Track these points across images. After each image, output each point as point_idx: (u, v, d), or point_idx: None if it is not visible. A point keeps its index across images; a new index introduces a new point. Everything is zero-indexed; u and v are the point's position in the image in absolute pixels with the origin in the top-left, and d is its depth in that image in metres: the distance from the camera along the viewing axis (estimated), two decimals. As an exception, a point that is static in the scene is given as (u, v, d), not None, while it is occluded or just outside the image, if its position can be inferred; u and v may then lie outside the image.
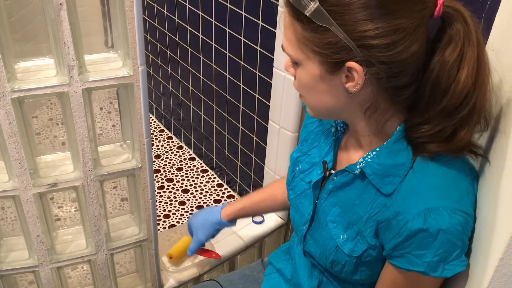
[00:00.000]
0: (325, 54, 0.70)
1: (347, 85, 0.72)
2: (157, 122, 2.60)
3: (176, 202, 2.12)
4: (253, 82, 1.76)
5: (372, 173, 0.79)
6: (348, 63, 0.69)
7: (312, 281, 0.98)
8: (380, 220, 0.78)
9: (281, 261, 1.12)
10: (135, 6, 0.88)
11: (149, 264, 1.25)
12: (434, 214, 0.70)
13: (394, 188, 0.76)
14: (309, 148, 0.94)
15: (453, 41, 0.70)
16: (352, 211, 0.82)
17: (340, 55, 0.69)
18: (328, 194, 0.87)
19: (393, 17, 0.66)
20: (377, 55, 0.68)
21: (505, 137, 0.72)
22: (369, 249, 0.81)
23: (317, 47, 0.70)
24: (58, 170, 1.03)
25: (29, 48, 0.98)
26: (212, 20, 1.85)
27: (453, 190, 0.73)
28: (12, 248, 1.11)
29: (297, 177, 0.96)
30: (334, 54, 0.70)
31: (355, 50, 0.68)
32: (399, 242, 0.74)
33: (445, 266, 0.72)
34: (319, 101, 0.78)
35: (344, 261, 0.84)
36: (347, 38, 0.67)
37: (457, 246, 0.72)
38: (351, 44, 0.68)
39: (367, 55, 0.68)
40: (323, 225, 0.88)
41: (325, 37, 0.69)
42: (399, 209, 0.74)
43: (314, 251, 0.91)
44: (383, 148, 0.78)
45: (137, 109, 0.99)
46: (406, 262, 0.75)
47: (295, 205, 0.96)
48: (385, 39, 0.67)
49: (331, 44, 0.69)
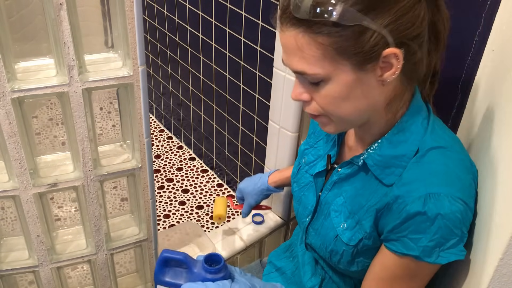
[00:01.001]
0: (359, 53, 0.68)
1: (385, 76, 0.71)
2: (157, 122, 2.60)
3: (176, 202, 2.12)
4: (253, 82, 1.76)
5: (373, 164, 0.80)
6: (384, 52, 0.69)
7: (316, 278, 0.99)
8: (379, 208, 0.79)
9: (282, 259, 1.13)
10: (135, 6, 0.88)
11: (149, 264, 1.25)
12: (435, 199, 0.71)
13: (395, 179, 0.77)
14: (316, 141, 0.96)
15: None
16: (355, 201, 0.84)
17: (375, 48, 0.68)
18: (332, 185, 0.89)
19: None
20: (407, 32, 0.69)
21: (505, 136, 0.72)
22: (364, 239, 0.82)
23: (351, 49, 0.68)
24: (58, 170, 1.03)
25: (29, 48, 0.98)
26: (212, 20, 1.85)
27: (455, 179, 0.74)
28: (12, 248, 1.11)
29: (302, 169, 0.97)
30: (369, 50, 0.68)
31: (388, 37, 0.68)
32: (397, 224, 0.75)
33: (440, 253, 0.73)
34: (354, 108, 0.74)
35: (342, 250, 0.85)
36: (380, 27, 0.67)
37: (455, 234, 0.72)
38: (384, 31, 0.67)
39: (399, 36, 0.69)
40: (326, 215, 0.89)
41: (356, 36, 0.68)
42: (400, 193, 0.75)
43: (315, 242, 0.92)
44: (384, 140, 0.80)
45: (137, 109, 0.99)
46: (401, 245, 0.75)
47: (299, 198, 0.97)
48: (408, 15, 0.68)
49: (364, 40, 0.68)
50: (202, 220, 2.04)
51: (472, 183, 0.77)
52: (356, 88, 0.72)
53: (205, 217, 2.05)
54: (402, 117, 0.79)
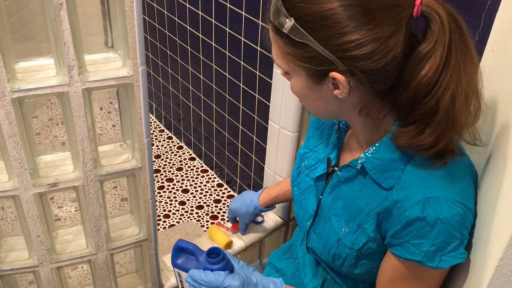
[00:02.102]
0: (307, 67, 0.73)
1: (335, 92, 0.74)
2: (157, 122, 2.60)
3: (176, 202, 2.12)
4: (253, 82, 1.76)
5: (372, 168, 0.80)
6: (331, 74, 0.71)
7: (317, 280, 0.99)
8: (380, 212, 0.79)
9: (282, 260, 1.13)
10: (135, 6, 0.88)
11: (149, 264, 1.25)
12: (433, 204, 0.71)
13: (394, 183, 0.77)
14: (316, 145, 0.96)
15: (427, 40, 0.69)
16: (354, 204, 0.84)
17: (323, 67, 0.71)
18: (332, 188, 0.89)
19: (367, 27, 0.67)
20: (357, 65, 0.69)
21: (506, 136, 0.72)
22: (369, 242, 0.82)
23: (299, 61, 0.73)
24: (58, 170, 1.03)
25: (29, 48, 0.98)
26: (212, 20, 1.85)
27: (454, 182, 0.74)
28: (12, 248, 1.11)
29: (302, 173, 0.97)
30: (317, 66, 0.72)
31: (335, 62, 0.70)
32: (398, 229, 0.75)
33: (442, 257, 0.73)
34: (314, 106, 0.82)
35: (345, 254, 0.85)
36: (326, 52, 0.69)
37: (455, 238, 0.72)
38: (331, 56, 0.69)
39: (348, 65, 0.70)
40: (326, 219, 0.89)
41: (305, 51, 0.71)
42: (399, 197, 0.75)
43: (317, 246, 0.92)
44: (382, 143, 0.79)
45: (137, 109, 0.99)
46: (404, 251, 0.75)
47: (299, 201, 0.97)
48: (362, 49, 0.68)
49: (312, 57, 0.71)
50: (202, 220, 2.04)
51: (472, 185, 0.77)
52: (312, 92, 0.77)
53: (205, 217, 2.05)
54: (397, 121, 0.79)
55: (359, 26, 0.67)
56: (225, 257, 0.84)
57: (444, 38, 0.68)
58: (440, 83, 0.69)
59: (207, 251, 0.85)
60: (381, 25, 0.67)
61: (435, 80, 0.69)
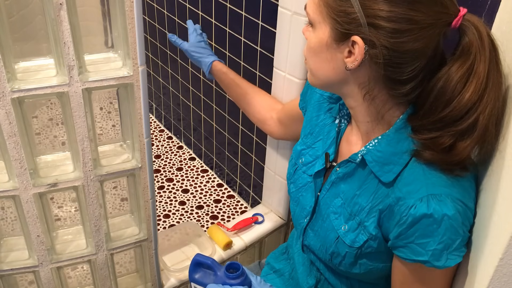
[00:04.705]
0: (336, 21, 0.73)
1: (346, 60, 0.74)
2: (157, 122, 2.60)
3: (176, 202, 2.12)
4: (253, 82, 1.76)
5: (372, 160, 0.80)
6: (354, 37, 0.72)
7: (311, 279, 0.98)
8: (382, 209, 0.78)
9: (280, 260, 1.12)
10: (135, 6, 0.88)
11: (149, 264, 1.25)
12: (437, 200, 0.71)
13: (393, 177, 0.77)
14: (314, 141, 0.96)
15: (464, 55, 0.71)
16: (353, 202, 0.83)
17: (350, 27, 0.72)
18: (330, 185, 0.88)
19: (410, 6, 0.68)
20: (382, 38, 0.70)
21: (506, 137, 0.72)
22: (370, 240, 0.81)
23: (333, 12, 0.73)
24: (58, 170, 1.03)
25: (29, 48, 0.98)
26: (212, 20, 1.85)
27: (455, 181, 0.74)
28: (12, 248, 1.11)
29: (299, 170, 0.97)
30: (344, 24, 0.72)
31: (364, 26, 0.70)
32: (403, 229, 0.74)
33: (449, 255, 0.72)
34: (320, 67, 0.80)
35: (345, 252, 0.84)
36: (361, 12, 0.70)
37: (459, 235, 0.72)
38: (363, 19, 0.70)
39: (373, 34, 0.70)
40: (325, 217, 0.89)
41: (342, 5, 0.72)
42: (400, 195, 0.75)
43: (314, 244, 0.91)
44: (385, 136, 0.79)
45: (137, 109, 0.99)
46: (409, 252, 0.75)
47: (296, 198, 0.96)
48: (394, 24, 0.69)
49: (345, 13, 0.72)
50: (202, 220, 2.04)
51: (473, 184, 0.77)
52: (327, 51, 0.77)
53: (205, 217, 2.05)
54: (401, 115, 0.79)
55: (403, 2, 0.68)
56: (244, 272, 0.84)
57: (485, 54, 0.69)
58: (480, 101, 0.70)
59: (225, 266, 0.85)
60: (422, 11, 0.69)
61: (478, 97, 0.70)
